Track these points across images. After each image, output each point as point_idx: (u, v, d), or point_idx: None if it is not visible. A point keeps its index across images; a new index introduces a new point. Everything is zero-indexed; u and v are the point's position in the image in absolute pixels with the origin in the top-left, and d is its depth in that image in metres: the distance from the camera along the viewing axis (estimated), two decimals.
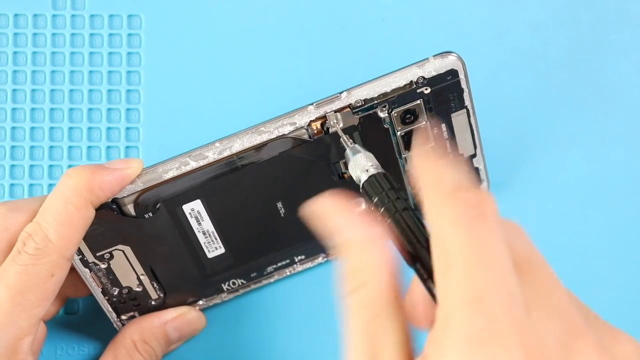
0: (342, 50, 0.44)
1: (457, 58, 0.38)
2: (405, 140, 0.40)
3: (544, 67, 0.44)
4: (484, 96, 0.44)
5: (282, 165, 0.38)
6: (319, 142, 0.38)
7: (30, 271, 0.35)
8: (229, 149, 0.37)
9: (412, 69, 0.37)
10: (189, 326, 0.41)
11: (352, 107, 0.38)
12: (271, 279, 0.42)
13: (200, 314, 0.41)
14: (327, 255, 0.42)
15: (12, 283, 0.35)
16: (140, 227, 0.39)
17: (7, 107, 0.44)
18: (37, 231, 0.35)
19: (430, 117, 0.39)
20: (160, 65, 0.44)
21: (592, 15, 0.44)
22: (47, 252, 0.35)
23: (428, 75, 0.37)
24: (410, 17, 0.44)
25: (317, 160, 0.39)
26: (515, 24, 0.44)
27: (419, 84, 0.38)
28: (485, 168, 0.41)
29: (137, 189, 0.38)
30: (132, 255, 0.40)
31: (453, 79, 0.38)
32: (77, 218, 0.36)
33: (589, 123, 0.44)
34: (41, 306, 0.35)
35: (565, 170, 0.43)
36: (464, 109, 0.39)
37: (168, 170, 0.37)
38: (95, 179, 0.36)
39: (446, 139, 0.40)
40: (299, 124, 0.37)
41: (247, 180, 0.38)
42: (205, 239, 0.40)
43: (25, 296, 0.35)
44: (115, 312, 0.41)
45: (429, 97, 0.38)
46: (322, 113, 0.37)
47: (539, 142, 0.44)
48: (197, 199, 0.38)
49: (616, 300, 0.43)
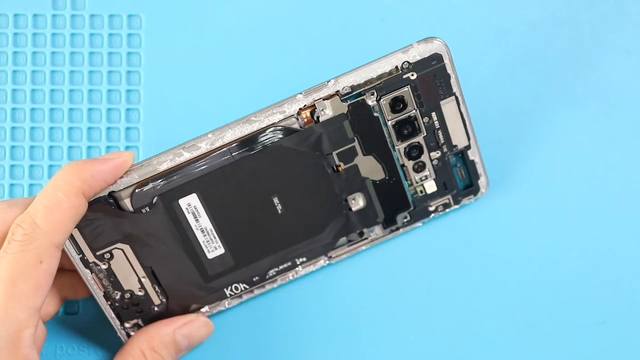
0: (342, 50, 0.44)
1: (441, 43, 0.38)
2: (397, 131, 0.40)
3: (544, 67, 0.44)
4: (484, 95, 0.44)
5: (275, 157, 0.39)
6: (310, 132, 0.38)
7: (18, 259, 0.34)
8: (221, 139, 0.38)
9: (396, 55, 0.38)
10: (197, 333, 0.41)
11: (340, 95, 0.38)
12: (274, 284, 0.42)
13: (208, 320, 0.41)
14: (329, 257, 0.42)
15: (3, 273, 0.34)
16: (138, 223, 0.39)
17: (7, 107, 0.44)
18: (25, 218, 0.35)
19: (419, 106, 0.39)
20: (160, 65, 0.44)
21: (592, 15, 0.44)
22: (34, 237, 0.35)
23: (413, 60, 0.38)
24: (410, 17, 0.44)
25: (310, 151, 0.39)
26: (515, 24, 0.44)
27: (404, 69, 0.38)
28: (481, 161, 0.42)
29: (133, 181, 0.38)
30: (132, 255, 0.40)
31: (438, 63, 0.38)
32: (66, 206, 0.36)
33: (589, 123, 0.44)
34: (35, 296, 0.34)
35: (565, 170, 0.44)
36: (452, 96, 0.39)
37: (162, 162, 0.38)
38: (87, 168, 0.36)
39: (438, 129, 0.40)
40: (289, 112, 0.38)
41: (241, 174, 0.39)
42: (204, 237, 0.40)
43: (17, 285, 0.34)
44: (118, 319, 0.41)
45: (416, 84, 0.39)
46: (311, 101, 0.38)
47: (538, 141, 0.44)
48: (193, 192, 0.39)
49: (616, 299, 0.43)
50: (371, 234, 0.42)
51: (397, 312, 0.43)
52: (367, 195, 0.41)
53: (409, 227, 0.42)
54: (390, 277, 0.43)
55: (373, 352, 0.43)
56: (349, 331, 0.43)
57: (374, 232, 0.42)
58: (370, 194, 0.41)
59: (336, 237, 0.42)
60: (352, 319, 0.43)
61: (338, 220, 0.41)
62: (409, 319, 0.43)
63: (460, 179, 0.42)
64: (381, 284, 0.43)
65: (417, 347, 0.43)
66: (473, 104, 0.43)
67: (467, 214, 0.43)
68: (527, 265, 0.43)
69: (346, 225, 0.41)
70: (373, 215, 0.41)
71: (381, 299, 0.43)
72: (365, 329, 0.43)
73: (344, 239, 0.42)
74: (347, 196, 0.41)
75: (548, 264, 0.43)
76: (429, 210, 0.42)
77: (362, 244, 0.42)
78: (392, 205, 0.41)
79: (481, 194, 0.42)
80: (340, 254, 0.42)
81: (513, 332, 0.43)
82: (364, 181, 0.41)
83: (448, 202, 0.42)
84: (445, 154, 0.41)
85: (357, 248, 0.42)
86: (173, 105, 0.44)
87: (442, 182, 0.42)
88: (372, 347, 0.43)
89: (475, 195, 0.42)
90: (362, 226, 0.42)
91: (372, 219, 0.41)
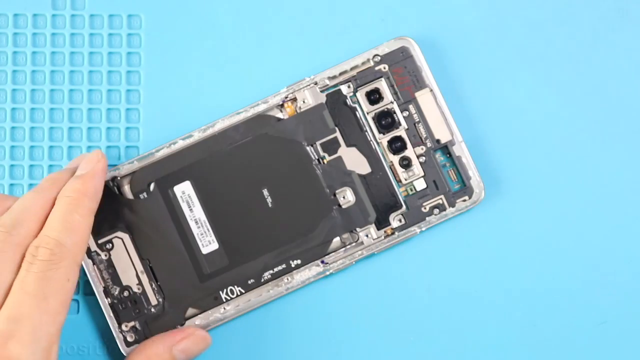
0: (342, 50, 0.43)
1: (408, 38, 0.42)
2: (377, 123, 0.42)
3: (544, 67, 0.44)
4: (484, 95, 0.44)
5: (261, 146, 0.42)
6: (292, 121, 0.42)
7: (49, 276, 0.35)
8: (212, 128, 0.42)
9: (368, 51, 0.42)
10: (195, 347, 0.40)
11: (319, 86, 0.42)
12: (270, 290, 0.42)
13: (205, 334, 0.41)
14: (324, 262, 0.42)
15: (34, 290, 0.35)
16: (137, 210, 0.41)
17: (6, 107, 0.44)
18: (48, 240, 0.36)
19: (395, 98, 0.42)
20: (160, 65, 0.44)
21: (592, 15, 0.44)
22: (62, 256, 0.36)
23: (382, 53, 0.42)
24: (410, 17, 0.44)
25: (295, 140, 0.42)
26: (515, 24, 0.44)
27: (375, 62, 0.42)
28: (471, 160, 0.42)
29: (134, 168, 0.42)
30: (131, 245, 0.41)
31: (406, 56, 0.42)
32: (84, 227, 0.38)
33: (589, 123, 0.44)
34: (62, 312, 0.36)
35: (565, 170, 0.43)
36: (426, 88, 0.42)
37: (160, 149, 0.42)
38: (91, 186, 0.39)
39: (417, 122, 0.42)
40: (272, 103, 0.42)
41: (231, 164, 0.42)
42: (198, 229, 0.42)
43: (49, 301, 0.35)
44: (116, 318, 0.41)
45: (389, 75, 0.42)
46: (292, 92, 0.42)
47: (538, 142, 0.44)
48: (187, 180, 0.42)
49: (616, 299, 0.43)
50: (366, 238, 0.42)
51: (397, 318, 0.43)
52: (355, 191, 0.42)
53: (406, 235, 0.42)
54: (389, 283, 0.43)
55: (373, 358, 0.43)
56: (345, 339, 0.43)
57: (369, 235, 0.42)
58: (358, 190, 0.42)
59: (328, 237, 0.42)
60: (350, 328, 0.43)
61: (329, 219, 0.42)
62: (409, 323, 0.43)
63: (452, 181, 0.42)
64: (380, 291, 0.43)
65: (417, 348, 0.43)
66: (473, 104, 0.43)
67: (464, 214, 0.43)
68: (527, 265, 0.43)
69: (338, 224, 0.42)
70: (365, 213, 0.42)
71: (380, 306, 0.43)
72: (364, 337, 0.43)
73: (337, 240, 0.42)
74: (335, 190, 0.42)
75: (548, 263, 0.43)
76: (422, 212, 0.42)
77: (357, 249, 0.42)
78: (383, 203, 0.42)
79: (476, 195, 0.42)
80: (336, 259, 0.42)
81: (513, 332, 0.43)
82: (351, 175, 0.42)
83: (442, 204, 0.42)
84: (429, 150, 0.42)
85: (353, 254, 0.42)
86: (173, 105, 0.44)
87: (431, 181, 0.42)
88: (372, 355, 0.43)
89: (469, 197, 0.42)
90: (354, 225, 0.42)
91: (364, 217, 0.42)
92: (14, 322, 0.34)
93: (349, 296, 0.43)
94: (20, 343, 0.34)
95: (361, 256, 0.42)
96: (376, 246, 0.42)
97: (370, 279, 0.43)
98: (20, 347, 0.34)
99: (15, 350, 0.34)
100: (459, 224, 0.43)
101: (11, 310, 0.35)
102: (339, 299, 0.43)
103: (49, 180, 0.39)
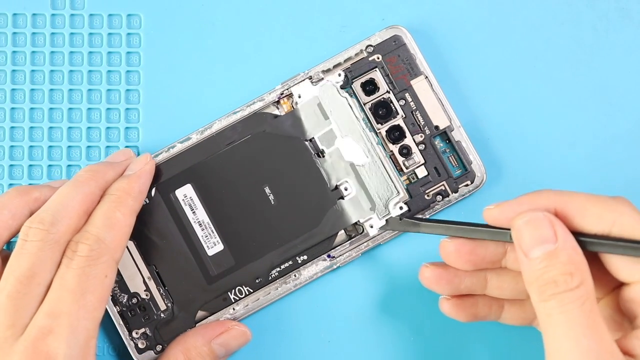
0: (336, 43, 0.43)
1: (400, 26, 0.42)
2: (374, 114, 0.42)
3: (544, 67, 0.44)
4: (484, 95, 0.44)
5: (260, 144, 0.42)
6: (289, 117, 0.42)
7: (87, 272, 0.36)
8: (209, 129, 0.42)
9: (361, 42, 0.42)
10: (235, 342, 0.40)
11: (313, 80, 0.42)
12: (278, 287, 0.42)
13: (245, 329, 0.41)
14: (331, 256, 0.42)
15: (73, 287, 0.36)
16: (140, 217, 0.40)
17: (6, 107, 0.44)
18: (88, 236, 0.37)
19: (391, 87, 0.42)
20: (160, 65, 0.44)
21: (592, 15, 0.44)
22: (101, 252, 0.37)
23: (374, 43, 0.42)
24: (410, 16, 0.44)
25: (293, 136, 0.42)
26: (515, 24, 0.44)
27: (368, 52, 0.42)
28: (471, 144, 0.42)
29: None
30: (136, 252, 0.41)
31: (399, 44, 0.42)
32: (125, 225, 0.38)
33: (589, 123, 0.44)
34: (100, 308, 0.36)
35: (565, 170, 0.44)
36: (421, 75, 0.42)
37: (158, 154, 0.42)
38: (135, 186, 0.40)
39: (415, 110, 0.42)
40: (268, 100, 0.42)
41: (231, 163, 0.42)
42: (202, 231, 0.42)
43: (87, 297, 0.36)
44: (126, 326, 0.41)
45: (383, 65, 0.42)
46: (287, 88, 0.42)
47: (538, 142, 0.44)
48: (188, 183, 0.42)
49: None
50: (370, 229, 0.42)
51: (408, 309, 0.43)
52: (356, 182, 0.42)
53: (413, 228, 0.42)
54: (396, 273, 0.43)
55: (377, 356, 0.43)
56: (356, 331, 0.43)
57: (373, 226, 0.42)
58: (358, 180, 0.42)
59: (333, 230, 0.42)
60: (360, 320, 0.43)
61: (332, 211, 0.42)
62: (411, 318, 0.43)
63: (453, 166, 0.42)
64: (388, 282, 0.43)
65: (417, 349, 0.43)
66: (473, 104, 0.43)
67: (468, 199, 0.43)
68: None
69: (342, 217, 0.42)
70: (366, 204, 0.42)
71: (389, 297, 0.43)
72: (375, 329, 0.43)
73: (342, 232, 0.42)
74: (336, 183, 0.42)
75: None
76: (425, 199, 0.42)
77: (363, 241, 0.42)
78: (385, 192, 0.42)
79: (478, 179, 0.42)
80: (343, 252, 0.42)
81: (513, 332, 0.43)
82: (350, 166, 0.42)
83: (445, 189, 0.42)
84: (428, 136, 0.42)
85: (359, 246, 0.42)
86: (172, 105, 0.44)
87: (432, 168, 0.42)
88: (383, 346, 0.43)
89: (472, 182, 0.42)
90: (358, 216, 0.42)
91: (367, 208, 0.42)
92: (53, 318, 0.35)
93: (357, 289, 0.43)
94: (58, 338, 0.35)
95: (367, 247, 0.42)
96: (382, 237, 0.42)
97: (378, 270, 0.43)
98: (58, 342, 0.35)
99: (53, 345, 0.35)
100: (463, 209, 0.43)
101: (51, 306, 0.35)
102: (347, 292, 0.43)
103: (88, 171, 0.39)
